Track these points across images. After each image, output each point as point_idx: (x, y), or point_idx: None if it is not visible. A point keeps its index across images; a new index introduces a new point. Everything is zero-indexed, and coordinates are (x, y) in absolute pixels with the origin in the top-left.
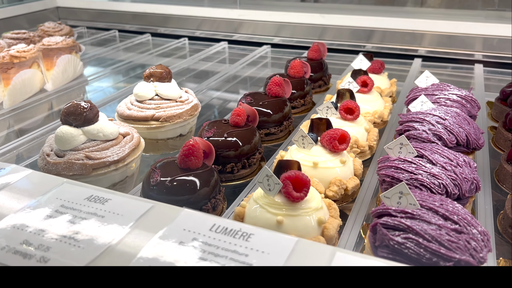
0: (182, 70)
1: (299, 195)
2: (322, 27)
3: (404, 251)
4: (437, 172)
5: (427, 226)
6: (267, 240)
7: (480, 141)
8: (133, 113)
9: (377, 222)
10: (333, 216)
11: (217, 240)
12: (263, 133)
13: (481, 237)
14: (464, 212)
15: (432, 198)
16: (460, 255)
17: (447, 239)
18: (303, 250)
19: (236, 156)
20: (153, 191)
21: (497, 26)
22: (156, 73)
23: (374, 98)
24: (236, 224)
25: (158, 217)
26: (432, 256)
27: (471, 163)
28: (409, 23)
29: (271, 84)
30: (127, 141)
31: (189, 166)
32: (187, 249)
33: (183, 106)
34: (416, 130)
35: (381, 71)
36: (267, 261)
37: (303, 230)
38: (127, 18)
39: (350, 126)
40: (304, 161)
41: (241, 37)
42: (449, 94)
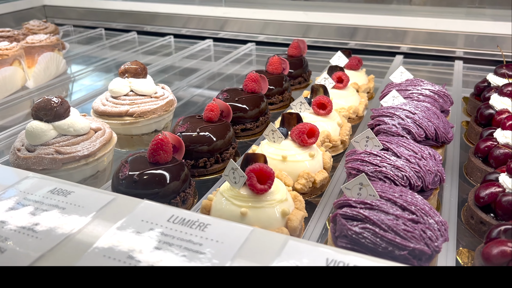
0: (167, 68)
1: (263, 187)
2: (306, 24)
3: (361, 241)
4: (401, 164)
5: (385, 216)
6: (222, 230)
7: (449, 135)
8: (108, 108)
9: (337, 213)
10: (298, 208)
11: (174, 230)
12: (239, 128)
13: (438, 227)
14: (422, 203)
15: (392, 189)
16: (415, 244)
17: (403, 229)
18: (257, 239)
19: (208, 151)
20: (121, 185)
21: (477, 23)
22: (131, 69)
23: (349, 94)
24: (194, 215)
25: (118, 209)
26: (388, 246)
27: (436, 156)
28: (391, 20)
29: (247, 80)
30: (98, 136)
31: (158, 160)
32: (143, 238)
33: (157, 102)
34: (386, 124)
35: (359, 67)
36: (220, 250)
37: (267, 221)
38: (113, 16)
39: (322, 121)
40: (274, 154)
41: (226, 35)
42: (422, 89)
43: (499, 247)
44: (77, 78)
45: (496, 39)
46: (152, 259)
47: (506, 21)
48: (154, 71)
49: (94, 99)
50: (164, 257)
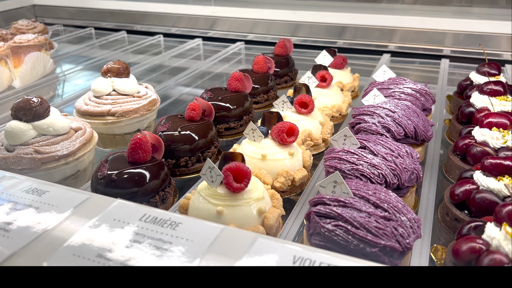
0: (156, 67)
1: (239, 186)
2: (295, 23)
3: (334, 238)
4: (378, 162)
5: (357, 214)
6: (193, 228)
7: (429, 133)
8: (90, 108)
9: (311, 211)
10: (276, 206)
11: (145, 229)
12: (222, 127)
13: (410, 224)
14: (396, 200)
15: (366, 187)
16: (386, 241)
17: (375, 226)
18: (227, 236)
19: (190, 150)
20: (100, 184)
21: (464, 21)
22: (113, 68)
23: (333, 93)
24: (166, 214)
25: (92, 208)
26: (359, 243)
27: (413, 154)
28: (379, 19)
29: (231, 79)
30: (79, 135)
31: (136, 159)
32: (114, 237)
33: (140, 101)
34: (366, 122)
35: (344, 66)
36: (190, 248)
37: (243, 219)
38: (104, 15)
39: (304, 120)
40: (254, 153)
41: (216, 34)
42: (404, 87)
43: (468, 243)
44: (65, 77)
45: (483, 37)
46: (121, 258)
47: (492, 20)
48: (142, 70)
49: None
50: (133, 255)
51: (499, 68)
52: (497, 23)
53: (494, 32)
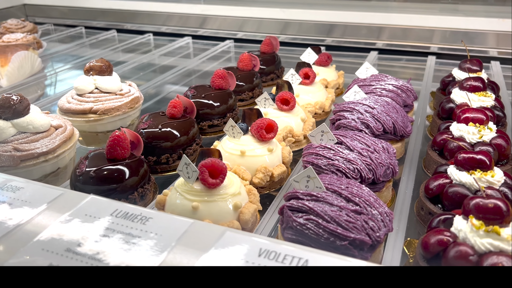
0: (145, 65)
1: (215, 182)
2: (284, 21)
3: (305, 232)
4: (353, 157)
5: (329, 208)
6: (163, 223)
7: (408, 129)
8: (72, 106)
9: (284, 205)
10: (252, 202)
11: (115, 224)
12: (206, 124)
13: (381, 217)
14: (368, 194)
15: (339, 181)
16: (356, 235)
17: (345, 220)
18: (196, 230)
19: (171, 147)
20: (79, 181)
21: (450, 18)
22: (96, 66)
23: (316, 90)
24: (138, 209)
25: (65, 204)
26: (330, 236)
27: (389, 149)
28: (367, 17)
29: (214, 77)
30: (59, 133)
31: (115, 156)
32: (84, 232)
33: (122, 99)
34: (346, 119)
35: (328, 63)
36: (158, 242)
37: (218, 215)
38: (94, 14)
39: (286, 116)
40: (233, 150)
41: (206, 32)
42: (386, 84)
43: (436, 236)
44: (53, 76)
45: (469, 34)
46: (89, 252)
47: (478, 17)
48: (131, 68)
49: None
50: (102, 249)
51: (481, 65)
52: (483, 20)
53: (481, 29)
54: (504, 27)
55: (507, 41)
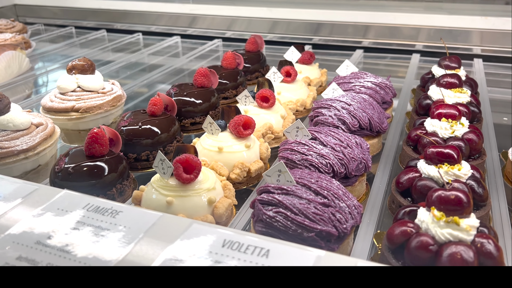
0: (133, 64)
1: (189, 177)
2: (272, 20)
3: (274, 224)
4: (326, 152)
5: (298, 201)
6: (133, 216)
7: (384, 125)
8: (54, 104)
9: (255, 199)
10: (227, 196)
11: (86, 217)
12: (188, 122)
13: (349, 210)
14: (337, 188)
15: (310, 175)
16: (322, 226)
17: (313, 212)
18: (164, 223)
19: (151, 144)
20: (57, 177)
21: (435, 17)
22: (78, 65)
23: (297, 87)
24: (109, 203)
25: (38, 199)
26: (297, 228)
27: (363, 145)
28: (353, 15)
29: (196, 75)
30: (39, 131)
31: (93, 153)
32: (55, 225)
33: (104, 97)
34: (324, 115)
35: (311, 61)
36: (126, 234)
37: (193, 209)
38: (84, 14)
39: (266, 114)
40: (211, 146)
41: (195, 32)
42: (364, 81)
43: (400, 227)
44: (42, 76)
45: (452, 32)
46: (58, 244)
47: (462, 15)
48: (120, 67)
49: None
50: (70, 241)
51: (459, 62)
52: (467, 18)
53: (464, 27)
54: (487, 25)
55: (491, 39)
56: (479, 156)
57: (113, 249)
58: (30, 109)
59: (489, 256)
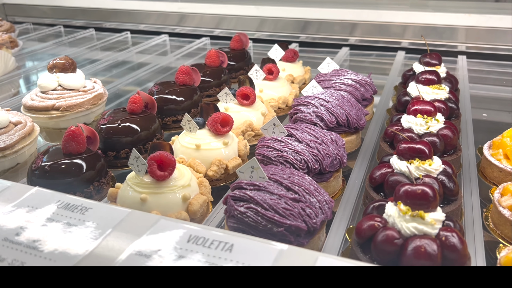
0: (119, 63)
1: (163, 174)
2: (260, 19)
3: (245, 220)
4: (301, 149)
5: (269, 196)
6: (102, 213)
7: (361, 121)
8: (35, 103)
9: (228, 195)
10: (203, 193)
11: (55, 214)
12: (170, 120)
13: (320, 205)
14: (309, 183)
15: (283, 171)
16: (292, 221)
17: (283, 207)
18: (132, 219)
19: (131, 142)
20: (34, 175)
21: (420, 14)
22: (59, 64)
23: (280, 85)
24: (79, 200)
25: (10, 196)
26: (267, 223)
27: (338, 141)
28: (339, 13)
29: (178, 73)
30: (18, 129)
31: (70, 151)
32: (24, 222)
33: (85, 96)
34: (302, 112)
35: (295, 59)
36: (94, 229)
37: (167, 206)
38: (73, 13)
39: (247, 111)
40: (189, 143)
41: (183, 30)
42: (345, 79)
43: (368, 222)
44: (28, 74)
45: (437, 29)
46: (25, 241)
47: (446, 12)
48: (107, 65)
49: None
50: (38, 237)
51: (440, 59)
52: (451, 16)
53: (449, 24)
54: (471, 22)
55: (474, 36)
56: (455, 152)
57: (80, 244)
58: (9, 108)
59: (453, 249)
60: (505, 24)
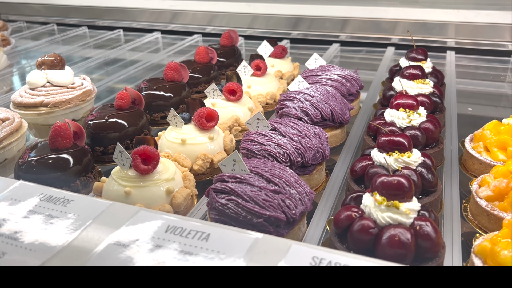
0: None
1: (146, 168)
2: (252, 15)
3: (226, 212)
4: (284, 142)
5: (249, 188)
6: (83, 205)
7: (346, 116)
8: (24, 100)
9: (210, 187)
10: (187, 187)
11: (38, 206)
12: (158, 116)
13: (300, 196)
14: (290, 175)
15: (265, 164)
16: (271, 212)
17: (263, 199)
18: (112, 210)
19: (118, 137)
20: (21, 170)
21: (409, 10)
22: (47, 61)
23: (268, 81)
24: (62, 193)
25: None
26: (247, 214)
27: (321, 135)
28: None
29: (166, 69)
30: (5, 125)
31: (57, 146)
32: (6, 214)
33: (73, 92)
34: (288, 107)
35: (284, 55)
36: (74, 221)
37: (151, 199)
38: (66, 11)
39: (234, 106)
40: (175, 138)
41: (176, 27)
42: (331, 74)
43: (345, 212)
44: (20, 72)
45: (427, 25)
46: (7, 232)
47: (436, 8)
48: (99, 63)
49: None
50: (20, 229)
51: (426, 54)
52: (440, 11)
53: (438, 20)
54: (459, 18)
55: (463, 31)
56: (436, 145)
57: (60, 235)
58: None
59: (427, 238)
60: (493, 19)
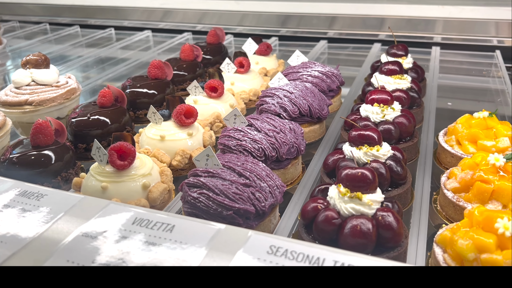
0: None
1: (123, 163)
2: (241, 13)
3: (198, 205)
4: (259, 138)
5: (221, 182)
6: (56, 199)
7: (324, 111)
8: (9, 98)
9: (183, 182)
10: (164, 182)
11: (12, 201)
12: (142, 113)
13: (270, 190)
14: (261, 169)
15: (238, 159)
16: (241, 205)
17: (233, 192)
18: (84, 204)
19: (101, 134)
20: (3, 167)
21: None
22: (32, 60)
23: (251, 78)
24: (36, 188)
25: None
26: (218, 207)
27: (297, 130)
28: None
29: (150, 67)
30: None
31: (38, 143)
32: None
33: (58, 91)
34: (267, 103)
35: (268, 52)
36: (46, 214)
37: (127, 194)
38: (59, 11)
39: (215, 103)
40: (154, 135)
41: (167, 26)
42: (312, 70)
43: (312, 204)
44: (11, 72)
45: (412, 21)
46: None
47: (421, 4)
48: (90, 61)
49: None
50: None
51: (406, 50)
52: (425, 7)
53: (423, 16)
54: (444, 13)
55: (448, 27)
56: (410, 139)
57: (32, 227)
58: None
59: (388, 228)
60: (477, 15)
